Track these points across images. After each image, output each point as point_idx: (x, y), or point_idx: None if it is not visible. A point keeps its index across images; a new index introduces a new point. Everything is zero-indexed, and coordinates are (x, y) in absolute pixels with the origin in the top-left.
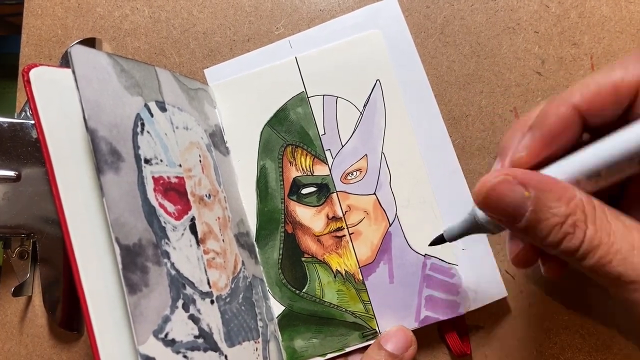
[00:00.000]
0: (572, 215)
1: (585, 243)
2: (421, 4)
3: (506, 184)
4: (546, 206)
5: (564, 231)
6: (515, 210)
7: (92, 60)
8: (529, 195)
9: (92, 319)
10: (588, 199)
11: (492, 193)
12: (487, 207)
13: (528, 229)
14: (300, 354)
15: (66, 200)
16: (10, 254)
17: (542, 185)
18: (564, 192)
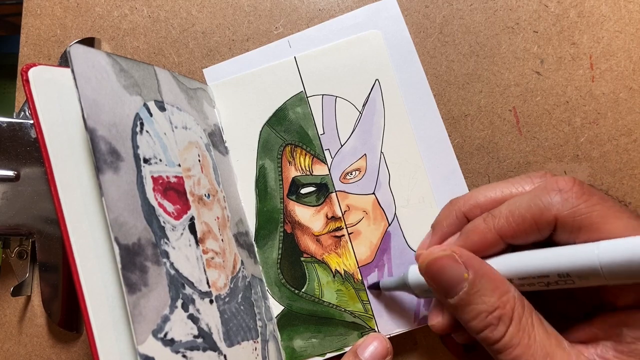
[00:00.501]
0: (500, 308)
1: (505, 338)
2: (420, 4)
3: (450, 260)
4: (479, 292)
5: (489, 321)
6: (451, 286)
7: (91, 60)
8: (467, 277)
9: (91, 319)
10: (520, 298)
11: (435, 264)
12: (427, 275)
13: (457, 307)
14: (300, 353)
15: (65, 199)
16: (9, 253)
17: (481, 272)
18: (500, 284)
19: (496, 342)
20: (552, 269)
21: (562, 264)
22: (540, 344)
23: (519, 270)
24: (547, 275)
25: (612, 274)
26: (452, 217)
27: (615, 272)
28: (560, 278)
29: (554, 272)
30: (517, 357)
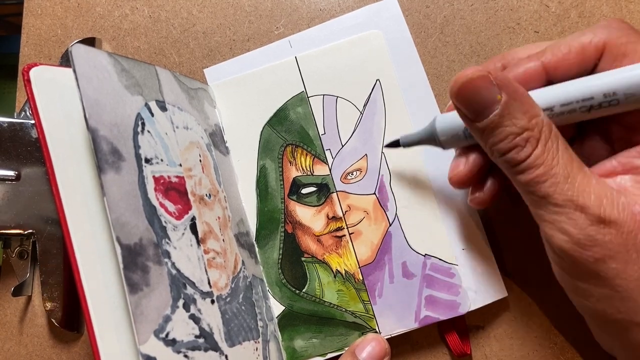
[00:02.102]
0: (529, 130)
1: (530, 159)
2: (421, 4)
3: (484, 80)
4: (511, 114)
5: (516, 142)
6: (483, 108)
7: (92, 59)
8: (500, 98)
9: (93, 319)
10: (549, 123)
11: (469, 85)
12: (459, 97)
13: (486, 130)
14: (300, 353)
15: (66, 199)
16: (10, 253)
17: (515, 94)
18: (531, 107)
19: (521, 162)
20: (599, 88)
21: (610, 82)
22: (562, 166)
23: (563, 94)
24: (592, 97)
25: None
26: (493, 65)
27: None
28: (605, 99)
29: (600, 91)
30: (539, 176)
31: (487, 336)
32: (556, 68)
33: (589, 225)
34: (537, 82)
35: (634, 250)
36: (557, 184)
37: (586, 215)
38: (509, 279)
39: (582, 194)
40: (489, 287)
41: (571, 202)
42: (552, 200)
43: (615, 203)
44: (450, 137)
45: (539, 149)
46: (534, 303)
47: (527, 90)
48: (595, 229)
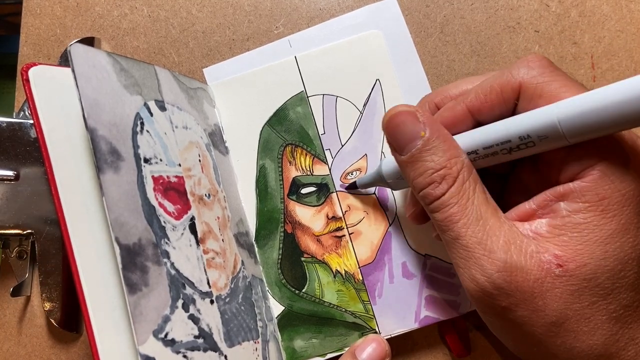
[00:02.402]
0: (447, 168)
1: (445, 197)
2: (421, 3)
3: (410, 116)
4: (431, 150)
5: (433, 178)
6: (407, 141)
7: (91, 59)
8: (424, 135)
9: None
10: (469, 166)
11: (396, 118)
12: (388, 129)
13: (407, 164)
14: (300, 354)
15: (65, 199)
16: (8, 253)
17: (438, 133)
18: (452, 148)
19: (435, 199)
20: (514, 132)
21: (523, 126)
22: (476, 208)
23: (483, 138)
24: (509, 140)
25: (570, 128)
26: (424, 108)
27: (573, 126)
28: (521, 141)
29: (515, 134)
30: (452, 216)
31: (488, 336)
32: (480, 110)
33: (495, 271)
34: (464, 124)
35: (540, 298)
36: (469, 225)
37: (492, 261)
38: None
39: (491, 237)
40: None
41: (479, 245)
42: (462, 242)
43: (523, 250)
44: (395, 179)
45: (455, 188)
46: None
47: (455, 132)
48: (501, 277)
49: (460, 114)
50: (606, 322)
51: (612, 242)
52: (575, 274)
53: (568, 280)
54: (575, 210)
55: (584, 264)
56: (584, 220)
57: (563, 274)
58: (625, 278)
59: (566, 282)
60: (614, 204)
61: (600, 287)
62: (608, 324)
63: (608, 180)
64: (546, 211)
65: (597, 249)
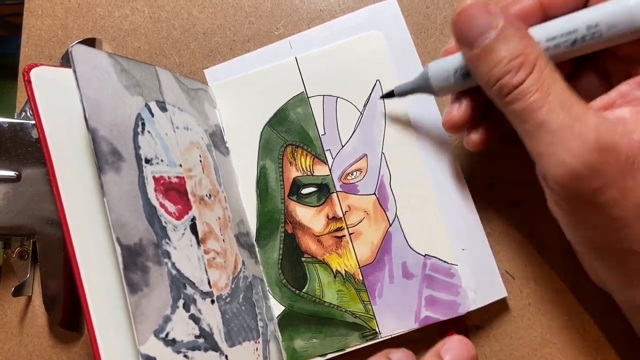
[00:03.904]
0: (523, 55)
1: (525, 84)
2: (421, 4)
3: (483, 7)
4: (506, 39)
5: (510, 67)
6: (480, 33)
7: (92, 60)
8: (497, 25)
9: (93, 319)
10: (546, 56)
11: (467, 11)
12: (458, 24)
13: (480, 56)
14: (300, 354)
15: (67, 200)
16: (10, 254)
17: (513, 22)
18: (527, 37)
19: (514, 87)
20: (582, 20)
21: (592, 14)
22: (559, 93)
23: (547, 30)
24: (576, 29)
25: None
26: None
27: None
28: (588, 31)
29: (583, 23)
30: (534, 103)
31: (487, 336)
32: (551, 4)
33: (586, 152)
34: (533, 18)
35: (631, 177)
36: (553, 110)
37: (583, 142)
38: (508, 279)
39: (578, 120)
40: (489, 287)
41: (567, 129)
42: (548, 128)
43: (613, 130)
44: (441, 80)
45: (534, 75)
46: (534, 303)
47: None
48: (593, 156)
49: (530, 8)
50: None
51: None
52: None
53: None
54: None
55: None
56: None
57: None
58: None
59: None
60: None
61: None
62: None
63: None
64: (627, 100)
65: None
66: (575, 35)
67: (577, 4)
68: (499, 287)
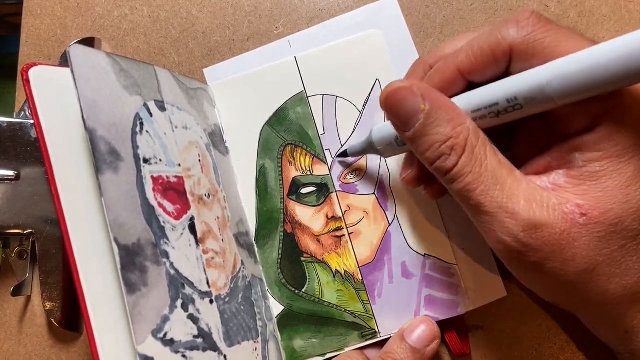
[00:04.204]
0: (453, 138)
1: (457, 167)
2: (421, 4)
3: (408, 91)
4: (435, 123)
5: (442, 151)
6: (409, 117)
7: (91, 60)
8: (424, 108)
9: (92, 319)
10: (475, 130)
11: (394, 96)
12: (386, 107)
13: (413, 140)
14: (300, 353)
15: (65, 200)
16: (9, 253)
17: (438, 104)
18: (455, 115)
19: (448, 171)
20: (501, 94)
21: (511, 88)
22: (491, 172)
23: (471, 102)
24: (497, 102)
25: (557, 90)
26: (419, 71)
27: (560, 87)
28: (509, 104)
29: (503, 97)
30: (468, 185)
31: (487, 336)
32: (470, 72)
33: (520, 231)
34: (455, 86)
35: (568, 248)
36: (487, 191)
37: (517, 222)
38: (508, 279)
39: (511, 199)
40: (489, 287)
41: (501, 209)
42: (483, 209)
43: (545, 204)
44: (385, 145)
45: (465, 157)
46: (534, 303)
47: (448, 95)
48: (527, 235)
49: (450, 76)
50: (637, 262)
51: (632, 184)
52: (600, 221)
53: (594, 228)
54: (590, 160)
55: (608, 210)
56: (601, 168)
57: (588, 222)
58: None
59: (592, 230)
60: (628, 147)
61: (627, 230)
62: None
63: (619, 126)
64: (562, 162)
65: (619, 194)
66: (498, 108)
67: (496, 70)
68: (498, 287)
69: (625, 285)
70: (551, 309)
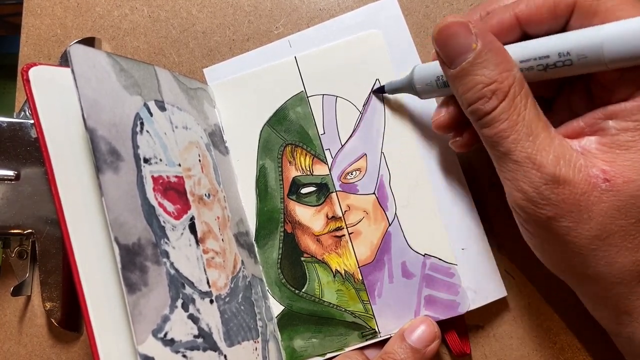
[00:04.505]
0: (498, 82)
1: (495, 112)
2: (421, 4)
3: (462, 27)
4: (482, 64)
5: (483, 93)
6: (458, 53)
7: (91, 60)
8: (475, 47)
9: (92, 319)
10: (521, 79)
11: (447, 30)
12: (438, 41)
13: (457, 77)
14: (300, 353)
15: (65, 199)
16: (9, 253)
17: (490, 45)
18: (505, 61)
19: (486, 114)
20: (555, 47)
21: (565, 42)
22: (527, 123)
23: (523, 51)
24: (548, 55)
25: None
26: (475, 15)
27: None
28: (559, 58)
29: (556, 50)
30: (502, 131)
31: (487, 336)
32: (528, 21)
33: (543, 184)
34: (510, 33)
35: (585, 210)
36: (519, 140)
37: (541, 174)
38: (509, 279)
39: (541, 152)
40: (489, 287)
41: (529, 160)
42: (512, 157)
43: (572, 164)
44: (424, 85)
45: (505, 103)
46: (534, 303)
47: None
48: (549, 188)
49: (507, 22)
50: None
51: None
52: (622, 190)
53: (614, 196)
54: (624, 129)
55: (632, 180)
56: (633, 138)
57: (610, 188)
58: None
59: (612, 197)
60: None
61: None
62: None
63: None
64: (595, 129)
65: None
66: (548, 61)
67: (553, 25)
68: (499, 287)
69: (634, 261)
70: (552, 309)
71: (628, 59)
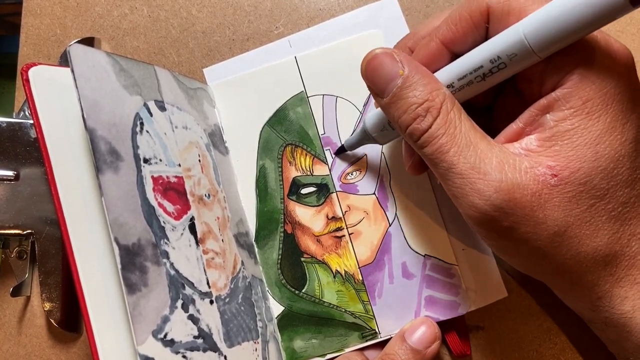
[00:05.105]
0: (429, 101)
1: (432, 128)
2: (421, 4)
3: (387, 57)
4: (412, 86)
5: (417, 113)
6: (386, 81)
7: (90, 59)
8: (402, 73)
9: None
10: (451, 96)
11: (374, 61)
12: (367, 74)
13: (390, 104)
14: (300, 354)
15: (65, 200)
16: (8, 254)
17: (417, 69)
18: (432, 81)
19: (423, 132)
20: (484, 56)
21: (492, 48)
22: (465, 134)
23: (456, 70)
24: (481, 65)
25: (537, 41)
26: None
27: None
28: (493, 64)
29: (486, 58)
30: (442, 146)
31: (487, 336)
32: (453, 42)
33: (493, 192)
34: (441, 59)
35: (540, 211)
36: (460, 152)
37: (488, 182)
38: (509, 279)
39: (483, 160)
40: (489, 287)
41: (473, 170)
42: (455, 170)
43: (517, 167)
44: (379, 132)
45: (440, 119)
46: (534, 303)
47: (434, 70)
48: (499, 197)
49: (435, 49)
50: (606, 222)
51: (601, 142)
52: (570, 181)
53: (564, 188)
54: (561, 119)
55: (578, 169)
56: (571, 126)
57: (558, 182)
58: (619, 175)
59: (562, 190)
60: (598, 104)
61: (596, 189)
62: (608, 224)
63: (588, 82)
64: (533, 127)
65: (588, 152)
66: (483, 70)
67: (477, 36)
68: (499, 287)
69: (596, 247)
70: (552, 309)
71: (554, 41)
